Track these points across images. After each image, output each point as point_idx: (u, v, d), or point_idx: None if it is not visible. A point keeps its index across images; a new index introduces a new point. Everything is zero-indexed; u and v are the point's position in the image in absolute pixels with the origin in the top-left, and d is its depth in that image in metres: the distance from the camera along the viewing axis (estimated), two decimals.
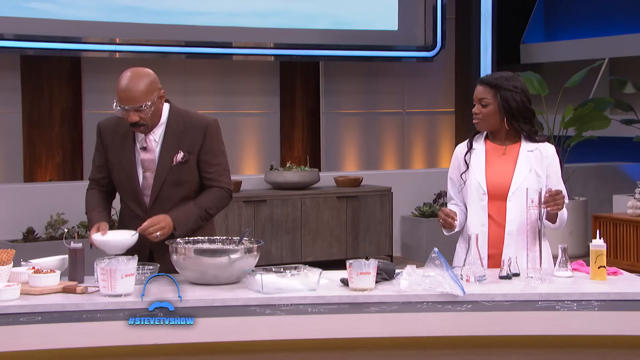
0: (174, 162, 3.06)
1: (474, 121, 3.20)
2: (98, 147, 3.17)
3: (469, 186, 3.19)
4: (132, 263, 2.62)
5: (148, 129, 3.03)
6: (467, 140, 3.27)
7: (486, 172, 3.18)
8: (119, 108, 2.96)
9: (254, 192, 7.02)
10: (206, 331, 2.42)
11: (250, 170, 8.02)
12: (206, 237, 2.93)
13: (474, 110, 3.18)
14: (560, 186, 3.16)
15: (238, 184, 6.98)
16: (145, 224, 2.95)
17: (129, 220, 3.09)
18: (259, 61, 8.03)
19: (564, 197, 3.01)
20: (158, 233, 2.95)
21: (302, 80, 8.36)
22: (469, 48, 8.77)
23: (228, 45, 7.63)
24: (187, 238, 2.92)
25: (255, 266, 2.80)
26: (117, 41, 7.28)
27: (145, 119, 2.98)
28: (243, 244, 2.87)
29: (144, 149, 3.07)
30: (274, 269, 2.74)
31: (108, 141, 3.12)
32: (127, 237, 2.93)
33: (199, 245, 2.86)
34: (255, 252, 2.78)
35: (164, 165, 3.06)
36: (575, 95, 8.23)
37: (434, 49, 8.47)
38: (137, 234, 2.92)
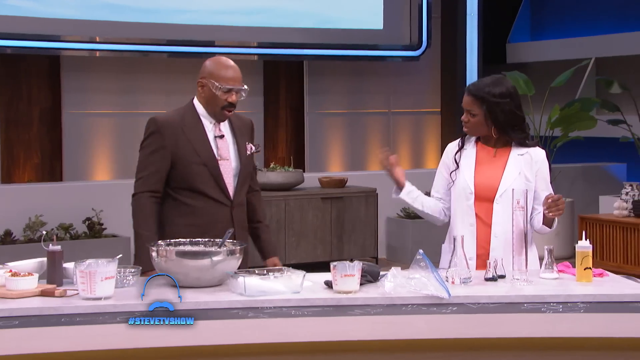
0: (249, 152, 3.23)
1: (464, 129, 3.23)
2: (157, 147, 3.11)
3: (456, 185, 3.22)
4: (112, 265, 2.61)
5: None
6: (459, 139, 3.31)
7: (475, 173, 3.21)
8: (223, 87, 3.09)
9: None
10: (189, 334, 2.41)
11: None
12: (188, 240, 2.92)
13: (462, 118, 3.21)
14: (549, 191, 3.19)
15: None
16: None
17: (210, 208, 3.12)
18: (242, 60, 8.00)
19: (564, 202, 3.03)
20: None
21: (286, 80, 8.36)
22: (454, 47, 8.80)
23: (211, 44, 7.62)
24: (168, 240, 2.91)
25: (238, 268, 2.79)
26: (97, 40, 7.25)
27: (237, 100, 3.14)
28: (225, 245, 2.86)
29: (221, 137, 3.16)
30: (257, 271, 2.74)
31: (173, 135, 3.13)
32: None
33: (181, 247, 2.85)
34: (237, 254, 2.78)
35: (243, 154, 3.21)
36: (561, 96, 8.28)
37: (419, 48, 8.50)
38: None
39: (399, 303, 2.62)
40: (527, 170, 3.19)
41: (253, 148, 3.26)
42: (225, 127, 3.21)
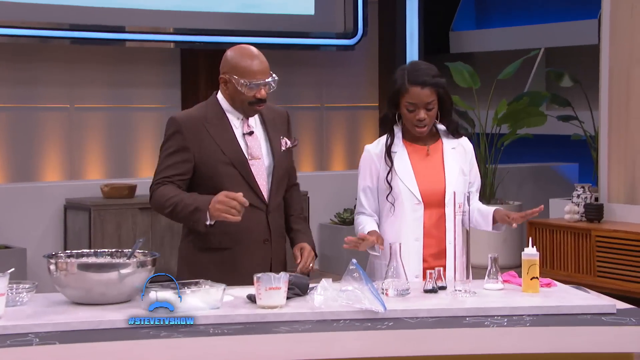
0: (284, 148, 3.19)
1: (420, 129, 3.15)
2: (177, 148, 3.08)
3: (396, 196, 3.18)
4: (2, 282, 2.55)
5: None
6: (379, 141, 3.25)
7: (416, 178, 3.19)
8: (248, 84, 3.04)
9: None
10: (94, 357, 2.38)
11: (146, 173, 7.91)
12: (92, 250, 2.89)
13: (419, 117, 3.13)
14: (478, 180, 3.30)
15: (132, 188, 6.89)
16: (301, 264, 3.13)
17: (243, 214, 2.99)
18: (156, 48, 7.94)
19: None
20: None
21: (207, 71, 8.30)
22: (393, 36, 8.89)
23: (120, 29, 7.52)
24: (68, 251, 2.87)
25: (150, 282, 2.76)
26: None
27: (268, 94, 3.09)
28: (135, 256, 2.84)
29: (250, 133, 3.12)
30: (171, 285, 2.71)
31: (195, 133, 3.08)
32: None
33: (84, 260, 2.81)
34: (149, 266, 2.76)
35: (277, 150, 3.17)
36: (509, 89, 8.45)
37: (354, 36, 8.56)
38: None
39: (329, 318, 2.63)
40: (462, 164, 3.24)
41: (288, 142, 3.21)
42: (255, 122, 3.17)
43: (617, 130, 6.64)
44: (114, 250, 2.91)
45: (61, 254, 2.82)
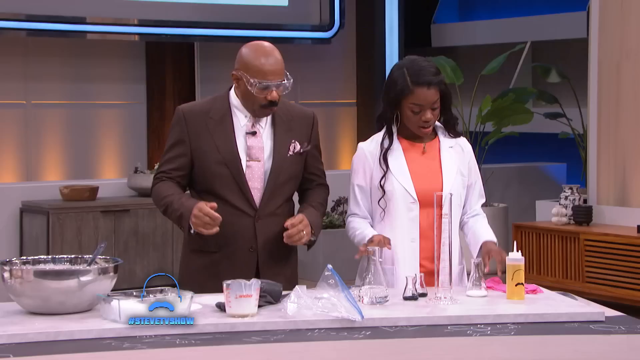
0: (291, 152, 3.17)
1: (426, 130, 3.18)
2: (176, 139, 3.15)
3: (391, 195, 3.20)
4: None
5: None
6: (373, 139, 3.27)
7: (412, 177, 3.21)
8: (259, 84, 3.05)
9: (114, 200, 6.91)
10: None
11: (109, 174, 7.88)
12: (50, 256, 2.87)
13: (425, 118, 3.15)
14: (479, 184, 3.31)
15: (94, 190, 6.85)
16: (290, 230, 3.05)
17: (230, 218, 3.07)
18: (119, 41, 7.91)
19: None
20: (305, 232, 3.07)
21: (174, 65, 8.28)
22: (372, 28, 8.91)
23: (81, 20, 7.48)
24: (24, 257, 2.85)
25: (112, 290, 2.76)
26: None
27: (280, 96, 3.09)
28: (96, 263, 2.83)
29: (253, 134, 3.12)
30: (135, 293, 2.71)
31: (196, 127, 3.12)
32: None
33: (41, 266, 2.80)
34: (111, 273, 2.75)
35: (281, 153, 3.15)
36: (493, 85, 8.49)
37: (331, 28, 8.57)
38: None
39: (304, 328, 2.64)
40: (460, 164, 3.26)
41: (297, 146, 3.19)
42: (264, 121, 3.17)
43: (606, 128, 6.69)
44: (73, 256, 2.89)
45: (16, 261, 2.81)
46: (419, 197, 3.19)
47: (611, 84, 6.65)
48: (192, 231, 3.06)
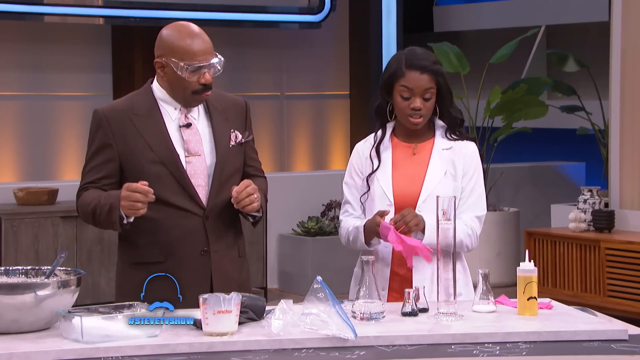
0: (233, 142, 3.20)
1: (415, 120, 3.23)
2: (101, 142, 3.14)
3: (371, 195, 3.28)
4: None
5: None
6: (367, 140, 3.36)
7: (393, 177, 3.27)
8: (189, 67, 3.06)
9: (75, 205, 6.87)
10: None
11: (70, 174, 7.87)
12: (2, 268, 2.88)
13: (414, 106, 3.21)
14: (477, 193, 3.29)
15: (52, 193, 6.85)
16: (239, 195, 3.04)
17: (175, 221, 3.09)
18: (82, 24, 7.91)
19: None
20: (255, 195, 3.06)
21: (143, 52, 8.28)
22: (366, 11, 8.92)
23: (38, 1, 7.47)
24: None
25: (74, 306, 2.76)
26: None
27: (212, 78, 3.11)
28: (56, 275, 2.83)
29: (188, 126, 3.14)
30: (100, 309, 2.71)
31: (121, 127, 3.12)
32: None
33: None
34: (73, 287, 2.75)
35: (223, 144, 3.18)
36: (503, 74, 8.52)
37: (321, 11, 8.58)
38: None
39: (290, 347, 2.64)
40: (453, 167, 3.28)
41: (239, 137, 3.23)
42: (197, 112, 3.19)
43: (630, 123, 6.70)
44: (29, 267, 2.89)
45: None
46: (395, 199, 3.25)
47: (636, 74, 6.66)
48: (125, 222, 3.03)
